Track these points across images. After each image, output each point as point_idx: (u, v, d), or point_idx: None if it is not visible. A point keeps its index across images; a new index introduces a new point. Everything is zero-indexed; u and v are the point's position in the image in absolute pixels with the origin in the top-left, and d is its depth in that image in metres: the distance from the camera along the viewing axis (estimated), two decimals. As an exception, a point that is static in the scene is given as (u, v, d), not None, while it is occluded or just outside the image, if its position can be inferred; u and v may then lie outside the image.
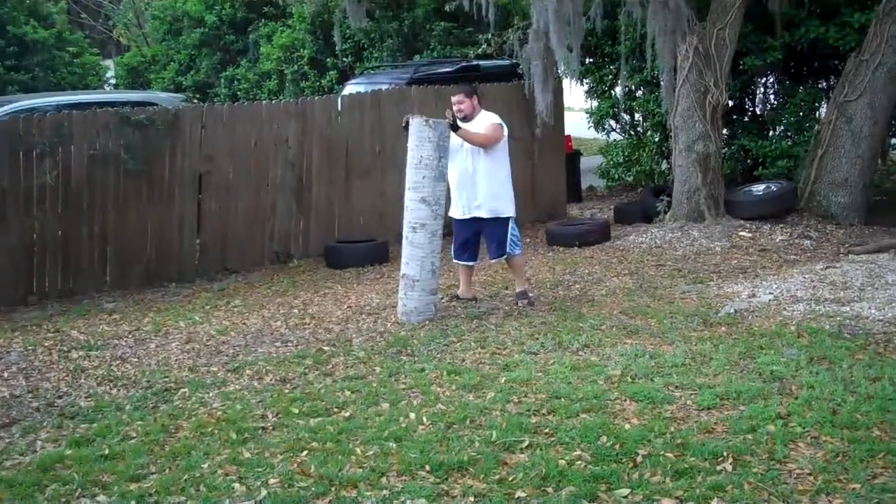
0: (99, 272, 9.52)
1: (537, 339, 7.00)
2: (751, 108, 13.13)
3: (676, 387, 5.74)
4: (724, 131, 11.87)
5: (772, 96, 12.96)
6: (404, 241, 7.81)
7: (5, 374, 6.70)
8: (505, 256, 8.10)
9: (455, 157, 7.85)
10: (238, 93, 19.64)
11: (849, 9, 11.20)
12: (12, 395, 6.25)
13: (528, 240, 11.11)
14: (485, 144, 7.86)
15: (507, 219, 8.02)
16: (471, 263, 8.29)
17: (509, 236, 8.01)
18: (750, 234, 10.27)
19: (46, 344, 7.53)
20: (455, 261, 8.33)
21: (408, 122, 7.77)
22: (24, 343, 7.55)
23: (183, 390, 6.24)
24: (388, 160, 10.95)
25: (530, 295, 8.12)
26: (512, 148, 8.41)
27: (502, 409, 5.51)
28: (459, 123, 7.78)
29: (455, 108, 7.97)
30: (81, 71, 20.69)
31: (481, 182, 7.92)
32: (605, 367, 6.17)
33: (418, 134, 7.60)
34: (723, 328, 7.04)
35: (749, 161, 12.53)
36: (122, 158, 9.42)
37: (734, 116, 12.68)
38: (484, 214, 7.99)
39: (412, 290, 7.71)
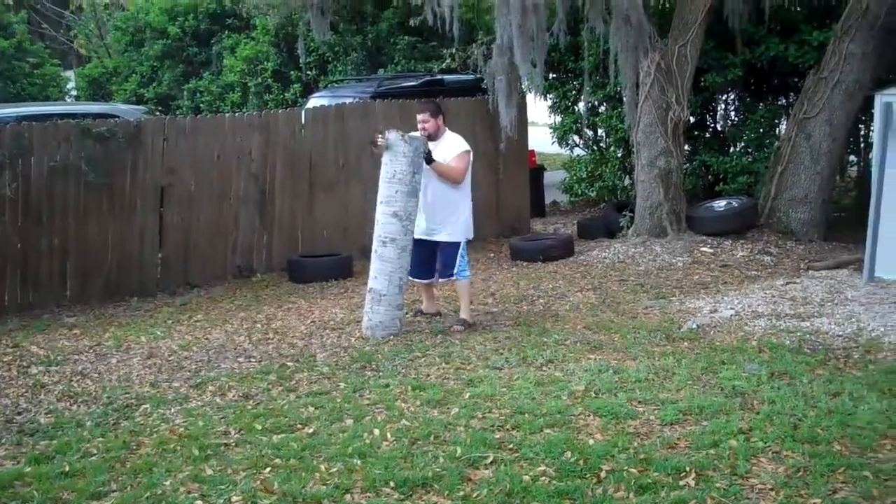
0: (59, 286, 9.40)
1: (501, 354, 7.01)
2: (712, 125, 13.28)
3: (640, 402, 5.78)
4: (686, 147, 11.98)
5: (732, 113, 13.11)
6: (373, 255, 7.77)
7: (-38, 390, 6.60)
8: (453, 279, 8.05)
9: None
10: (201, 105, 19.51)
11: (808, 27, 11.35)
12: (-31, 412, 6.15)
13: (491, 254, 11.16)
14: (457, 181, 7.86)
15: (458, 243, 7.96)
16: (427, 281, 8.25)
17: (458, 259, 7.96)
18: (711, 250, 10.37)
19: (5, 359, 7.41)
20: (410, 278, 8.16)
21: (375, 139, 7.73)
22: (-18, 358, 7.44)
23: (144, 406, 6.17)
24: (352, 173, 10.94)
25: (469, 324, 7.89)
26: (476, 163, 8.40)
27: (466, 424, 5.51)
28: (433, 156, 7.73)
29: (419, 126, 7.93)
30: (42, 82, 20.44)
31: (436, 206, 7.88)
32: (568, 383, 6.20)
33: (393, 148, 7.60)
34: (685, 343, 7.10)
35: (710, 177, 12.65)
36: (83, 171, 9.31)
37: (695, 132, 12.81)
38: (434, 238, 7.96)
39: (378, 304, 7.69)
